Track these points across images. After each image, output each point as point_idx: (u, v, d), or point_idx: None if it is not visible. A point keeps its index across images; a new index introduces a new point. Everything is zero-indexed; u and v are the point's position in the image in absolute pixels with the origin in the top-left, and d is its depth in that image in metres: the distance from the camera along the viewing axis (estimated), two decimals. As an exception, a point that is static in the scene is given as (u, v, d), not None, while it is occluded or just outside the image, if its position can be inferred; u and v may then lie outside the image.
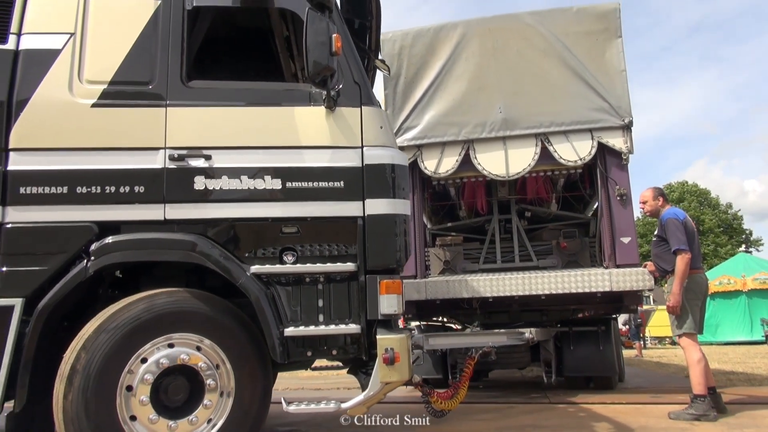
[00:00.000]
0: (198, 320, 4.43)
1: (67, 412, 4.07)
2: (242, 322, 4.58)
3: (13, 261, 4.37)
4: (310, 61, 4.52)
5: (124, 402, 4.18)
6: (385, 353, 4.44)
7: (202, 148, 4.67)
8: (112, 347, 4.21)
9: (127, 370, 4.23)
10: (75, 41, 4.73)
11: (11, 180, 4.45)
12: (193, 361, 4.38)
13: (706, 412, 6.58)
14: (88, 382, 4.11)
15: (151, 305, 4.38)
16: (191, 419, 4.34)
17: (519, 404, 8.24)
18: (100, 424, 4.08)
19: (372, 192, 4.77)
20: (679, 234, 6.95)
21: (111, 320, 4.30)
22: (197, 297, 4.52)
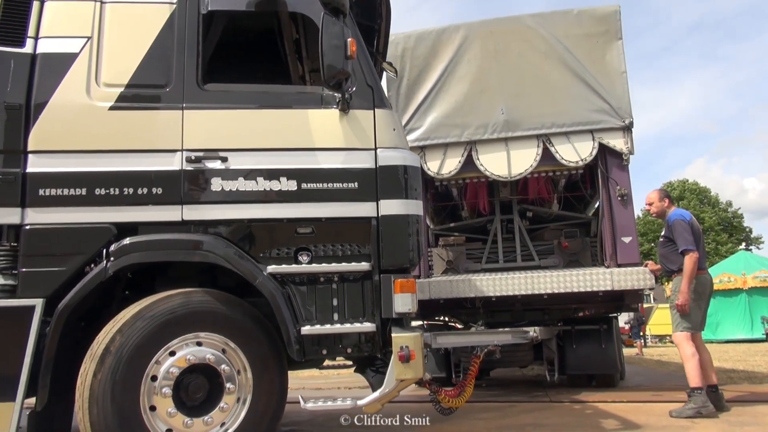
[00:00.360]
0: (226, 322, 4.52)
1: (94, 392, 4.15)
2: (264, 325, 4.66)
3: (33, 262, 4.43)
4: (326, 64, 4.60)
5: (147, 391, 4.26)
6: (400, 351, 4.52)
7: (218, 150, 4.74)
8: (145, 335, 4.30)
9: (155, 361, 4.32)
10: (92, 45, 4.80)
11: (30, 182, 4.51)
12: (218, 362, 4.46)
13: (705, 404, 6.70)
14: (119, 364, 4.20)
15: (187, 301, 4.48)
16: (206, 419, 4.41)
17: (519, 403, 8.28)
18: (123, 409, 4.16)
19: (385, 193, 4.85)
20: (687, 235, 7.07)
21: (149, 309, 4.40)
22: (226, 299, 4.60)
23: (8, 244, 4.47)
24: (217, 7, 5.07)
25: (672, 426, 6.16)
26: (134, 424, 4.17)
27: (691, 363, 6.96)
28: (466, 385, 6.05)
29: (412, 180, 4.97)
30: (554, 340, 9.36)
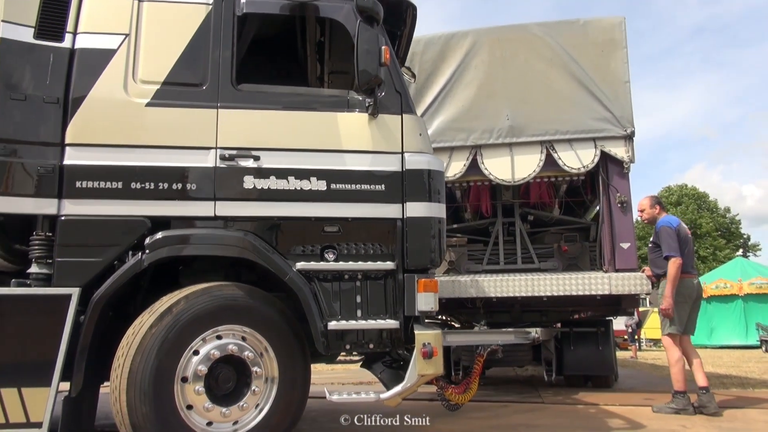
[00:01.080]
0: (265, 320, 4.71)
1: (144, 342, 4.33)
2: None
3: (70, 252, 4.56)
4: (360, 70, 4.77)
5: (185, 363, 4.44)
6: (423, 348, 4.69)
7: (251, 149, 4.88)
8: (206, 309, 4.52)
9: (202, 338, 4.50)
10: (130, 42, 4.91)
11: (67, 174, 4.63)
12: (253, 362, 4.64)
13: (685, 407, 7.05)
14: (175, 325, 4.40)
15: (250, 293, 4.71)
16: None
17: (512, 403, 8.39)
18: (162, 366, 4.32)
19: (411, 195, 5.03)
20: (671, 241, 7.34)
21: (218, 288, 4.63)
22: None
23: (43, 233, 4.58)
24: (251, 9, 5.20)
25: (663, 429, 6.26)
26: (165, 383, 4.33)
27: (676, 367, 7.27)
28: (471, 383, 6.26)
29: (436, 183, 5.15)
30: (552, 341, 9.60)
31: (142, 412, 4.25)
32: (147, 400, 4.26)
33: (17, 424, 4.14)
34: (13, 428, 4.13)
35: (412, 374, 4.74)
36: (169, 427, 4.30)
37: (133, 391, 4.27)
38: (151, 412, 4.25)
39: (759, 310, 25.38)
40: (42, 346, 4.32)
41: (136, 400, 4.26)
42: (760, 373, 13.28)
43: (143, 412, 4.25)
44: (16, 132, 4.58)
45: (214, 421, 4.49)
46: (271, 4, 5.25)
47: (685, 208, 53.23)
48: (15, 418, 4.13)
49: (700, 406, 7.13)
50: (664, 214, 7.89)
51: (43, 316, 4.41)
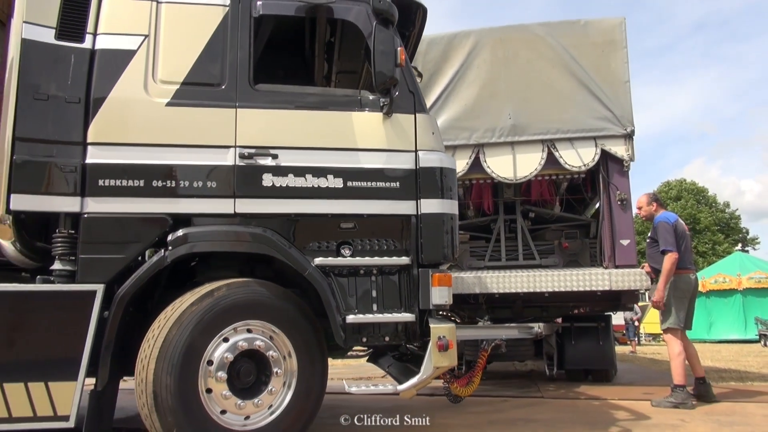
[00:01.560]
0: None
1: (183, 317, 4.49)
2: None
3: (93, 249, 4.65)
4: (377, 71, 4.90)
5: (214, 346, 4.57)
6: (439, 340, 4.82)
7: (269, 148, 4.98)
8: (244, 300, 4.68)
9: (233, 327, 4.63)
10: (149, 43, 4.99)
11: (90, 172, 4.70)
12: (276, 362, 4.74)
13: (684, 401, 7.19)
14: (213, 308, 4.56)
15: (276, 291, 4.83)
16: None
17: (511, 398, 8.47)
18: (194, 344, 4.47)
19: (425, 192, 5.15)
20: (668, 236, 7.56)
21: (258, 284, 4.80)
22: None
23: (66, 231, 4.67)
24: (268, 11, 5.29)
25: (662, 424, 6.31)
26: (193, 359, 4.46)
27: (677, 361, 7.44)
28: (474, 376, 6.42)
29: (449, 181, 5.26)
30: (554, 336, 9.81)
31: (166, 383, 4.36)
32: (173, 372, 4.38)
33: (45, 418, 4.24)
34: (40, 421, 4.24)
35: (427, 366, 4.84)
36: (186, 403, 4.40)
37: (163, 362, 4.38)
38: (174, 385, 4.36)
39: (758, 304, 25.51)
40: (68, 341, 4.42)
41: (163, 371, 4.37)
42: (759, 367, 13.40)
43: (167, 383, 4.36)
44: (39, 131, 4.66)
45: (228, 410, 4.57)
46: (287, 6, 5.34)
47: (684, 202, 53.17)
48: (42, 411, 4.23)
49: (699, 396, 7.36)
50: (661, 210, 8.10)
51: (69, 312, 4.50)
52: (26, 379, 4.26)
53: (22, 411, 4.22)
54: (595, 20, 9.49)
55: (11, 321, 4.42)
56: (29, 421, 4.24)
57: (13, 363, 4.34)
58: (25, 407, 4.23)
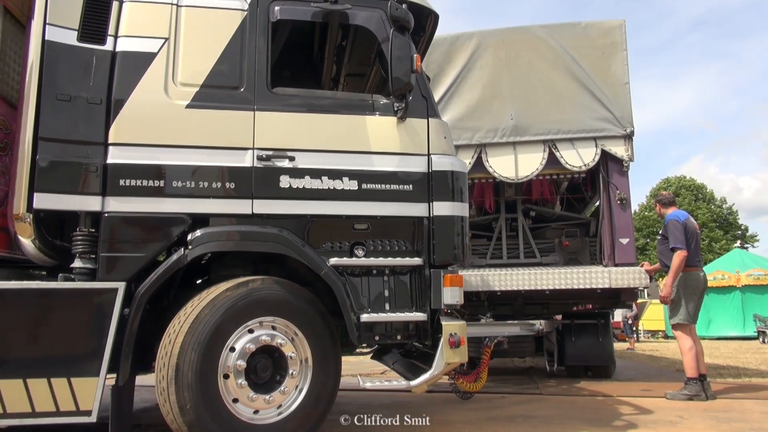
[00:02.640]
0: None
1: (217, 300, 4.63)
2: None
3: (114, 247, 4.73)
4: (393, 77, 4.99)
5: (239, 335, 4.69)
6: (451, 337, 4.94)
7: (286, 150, 5.06)
8: (274, 296, 4.81)
9: (259, 320, 4.76)
10: (169, 46, 5.06)
11: (111, 172, 4.78)
12: (292, 359, 4.83)
13: (697, 393, 7.39)
14: (247, 297, 4.71)
15: (305, 295, 4.94)
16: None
17: (510, 394, 8.52)
18: (223, 326, 4.60)
19: (437, 195, 5.25)
20: (678, 234, 7.75)
21: (287, 285, 4.91)
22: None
23: (86, 229, 4.75)
24: (285, 16, 5.37)
25: (661, 420, 6.36)
26: (219, 340, 4.58)
27: (688, 355, 7.64)
28: (480, 372, 6.54)
29: (460, 184, 5.37)
30: (554, 333, 9.96)
31: (190, 358, 4.47)
32: (198, 349, 4.49)
33: (67, 412, 4.33)
34: (63, 416, 4.32)
35: (439, 362, 4.95)
36: (205, 382, 4.50)
37: (191, 336, 4.50)
38: (197, 361, 4.48)
39: (756, 301, 25.69)
40: (90, 337, 4.52)
41: (189, 346, 4.48)
42: (757, 363, 13.50)
43: (191, 359, 4.47)
44: (62, 132, 4.73)
45: (240, 400, 4.64)
46: (304, 11, 5.41)
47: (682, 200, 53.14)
48: (65, 406, 4.32)
49: None
50: (673, 208, 8.32)
51: (92, 309, 4.58)
52: (49, 375, 4.35)
53: (45, 406, 4.31)
54: (595, 22, 9.65)
55: (34, 317, 4.51)
56: (52, 416, 4.33)
57: (36, 359, 4.43)
58: (48, 402, 4.31)
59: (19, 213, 4.62)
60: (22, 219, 4.64)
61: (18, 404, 4.28)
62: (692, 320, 7.82)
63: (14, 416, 4.29)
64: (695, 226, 8.07)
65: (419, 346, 5.70)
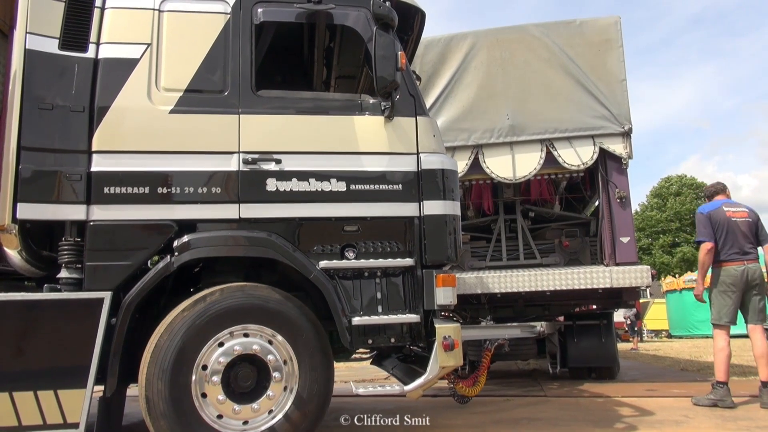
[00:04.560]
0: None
1: (174, 322, 4.55)
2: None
3: (99, 256, 4.68)
4: (378, 75, 4.93)
5: (208, 351, 4.60)
6: (444, 340, 4.85)
7: (272, 153, 5.01)
8: (238, 305, 4.71)
9: (229, 331, 4.66)
10: (152, 51, 5.03)
11: (95, 180, 4.74)
12: (272, 362, 4.73)
13: (722, 398, 7.03)
14: (205, 313, 4.60)
15: (274, 295, 4.85)
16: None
17: (515, 397, 8.49)
18: (185, 348, 4.52)
19: (427, 194, 5.18)
20: (701, 227, 7.47)
21: (253, 288, 4.82)
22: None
23: (72, 239, 4.70)
24: (268, 18, 5.33)
25: (666, 420, 6.32)
26: (185, 364, 4.50)
27: (717, 357, 7.32)
28: (479, 376, 6.44)
29: (451, 182, 5.30)
30: (556, 334, 9.85)
31: (158, 388, 4.41)
32: (164, 377, 4.43)
33: (54, 425, 4.27)
34: (50, 429, 4.26)
35: (433, 366, 4.87)
36: (179, 407, 4.44)
37: (154, 366, 4.44)
38: (165, 389, 4.41)
39: (760, 299, 25.46)
40: (76, 348, 4.46)
41: (155, 376, 4.42)
42: (762, 361, 13.36)
43: (158, 388, 4.41)
44: (44, 141, 4.70)
45: (225, 415, 4.58)
46: (287, 12, 5.37)
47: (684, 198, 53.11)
48: (52, 419, 4.26)
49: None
50: (717, 197, 7.85)
51: (77, 319, 4.53)
52: (35, 388, 4.30)
53: (31, 419, 4.25)
54: (590, 20, 9.58)
55: (20, 329, 4.45)
56: (39, 429, 4.27)
57: (22, 371, 4.38)
58: (35, 415, 4.26)
59: (4, 224, 4.56)
60: (7, 230, 4.58)
61: (4, 418, 4.22)
62: (725, 320, 7.34)
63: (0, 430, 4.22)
64: (726, 215, 7.47)
65: (417, 350, 5.61)
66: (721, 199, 7.77)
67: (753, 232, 7.38)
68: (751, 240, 7.36)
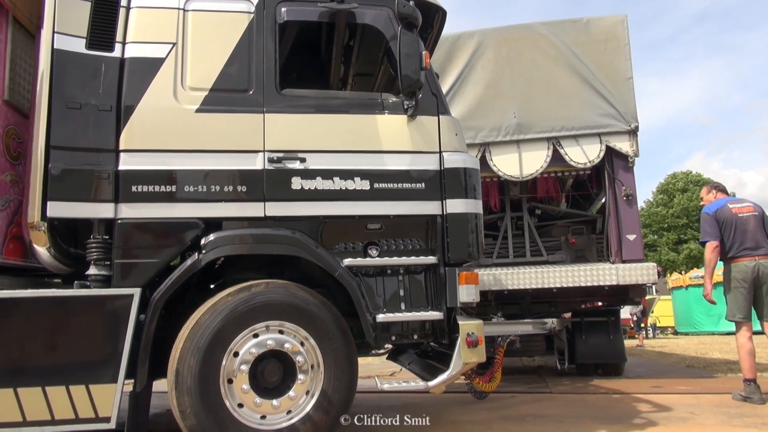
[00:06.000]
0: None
1: (218, 305, 4.64)
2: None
3: (128, 253, 4.74)
4: (403, 75, 4.96)
5: (243, 340, 4.66)
6: (468, 337, 4.91)
7: (297, 152, 5.05)
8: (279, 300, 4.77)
9: (264, 325, 4.72)
10: (177, 51, 5.06)
11: (123, 179, 4.78)
12: (300, 363, 4.77)
13: (750, 394, 7.02)
14: (248, 302, 4.68)
15: (315, 298, 4.88)
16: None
17: (520, 394, 8.46)
18: (223, 331, 4.59)
19: (450, 193, 5.22)
20: (706, 226, 7.48)
21: (295, 287, 4.88)
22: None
23: (100, 236, 4.75)
24: (292, 17, 5.37)
25: (672, 417, 6.31)
26: (220, 345, 4.58)
27: (740, 354, 7.38)
28: (495, 372, 6.52)
29: (473, 181, 5.34)
30: (564, 331, 9.92)
31: (189, 363, 4.48)
32: (197, 354, 4.50)
33: (86, 419, 4.33)
34: (82, 423, 4.32)
35: (457, 362, 4.92)
36: (205, 387, 4.50)
37: (190, 342, 4.52)
38: (196, 366, 4.49)
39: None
40: (107, 344, 4.52)
41: (188, 351, 4.50)
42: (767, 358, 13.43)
43: (190, 364, 4.48)
44: (73, 140, 4.74)
45: (245, 405, 4.61)
46: (311, 11, 5.41)
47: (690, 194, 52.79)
48: (84, 413, 4.32)
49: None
50: (719, 196, 7.84)
51: (108, 315, 4.60)
52: (68, 382, 4.35)
53: (64, 413, 4.31)
54: (597, 18, 9.68)
55: (52, 325, 4.51)
56: (71, 423, 4.33)
57: (54, 366, 4.44)
58: (67, 410, 4.32)
59: (34, 221, 4.63)
60: (36, 227, 4.64)
61: (37, 412, 4.28)
62: (738, 316, 7.32)
63: (34, 424, 4.29)
64: (732, 212, 7.44)
65: (435, 345, 5.66)
66: (724, 197, 7.80)
67: (761, 225, 7.36)
68: (761, 235, 7.33)
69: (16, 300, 4.49)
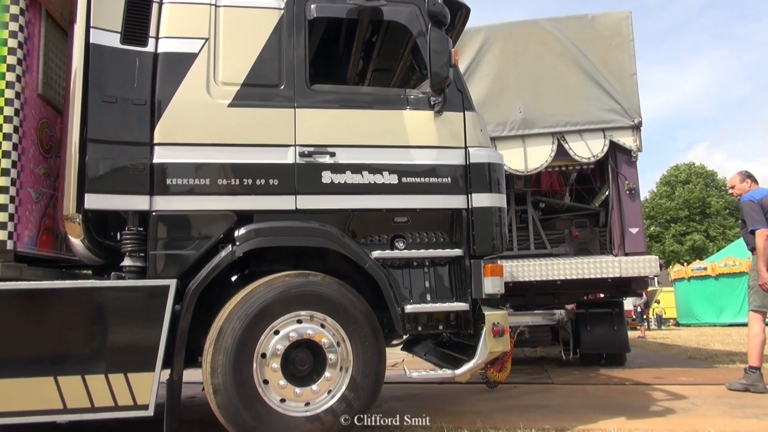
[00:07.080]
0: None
1: (275, 281, 4.81)
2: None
3: (163, 245, 4.84)
4: (433, 72, 5.06)
5: (287, 321, 4.81)
6: (494, 327, 5.04)
7: (327, 146, 5.15)
8: (326, 292, 4.89)
9: (310, 314, 4.87)
10: (209, 46, 5.14)
11: (157, 171, 4.87)
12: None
13: (754, 383, 7.13)
14: (304, 286, 4.86)
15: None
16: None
17: (522, 384, 8.50)
18: (273, 304, 4.76)
19: (475, 187, 5.36)
20: (755, 214, 7.34)
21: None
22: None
23: (135, 228, 4.84)
24: (321, 14, 5.47)
25: (673, 408, 6.34)
26: (265, 319, 4.73)
27: (753, 342, 7.38)
28: (506, 362, 6.67)
29: (497, 175, 5.50)
30: (569, 322, 10.10)
31: (234, 326, 4.64)
32: (244, 319, 4.65)
33: (125, 407, 4.42)
34: (121, 410, 4.42)
35: (482, 351, 5.06)
36: (241, 352, 4.64)
37: (240, 307, 4.69)
38: (240, 329, 4.65)
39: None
40: (144, 334, 4.61)
41: (236, 315, 4.67)
42: (768, 350, 13.62)
43: (234, 326, 4.64)
44: (109, 133, 4.82)
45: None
46: (339, 8, 5.52)
47: (693, 186, 52.63)
48: (123, 401, 4.42)
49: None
50: (755, 187, 7.81)
51: (145, 305, 4.68)
52: (106, 371, 4.45)
53: (103, 401, 4.41)
54: (601, 14, 9.85)
55: (90, 315, 4.62)
56: (111, 410, 4.43)
57: (93, 355, 4.53)
58: (107, 397, 4.41)
59: (69, 213, 4.70)
60: (71, 219, 4.71)
61: (78, 400, 4.37)
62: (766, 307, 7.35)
63: (74, 411, 4.40)
64: None
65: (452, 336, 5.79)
66: (762, 187, 7.78)
67: None
68: None
69: (57, 291, 4.59)
